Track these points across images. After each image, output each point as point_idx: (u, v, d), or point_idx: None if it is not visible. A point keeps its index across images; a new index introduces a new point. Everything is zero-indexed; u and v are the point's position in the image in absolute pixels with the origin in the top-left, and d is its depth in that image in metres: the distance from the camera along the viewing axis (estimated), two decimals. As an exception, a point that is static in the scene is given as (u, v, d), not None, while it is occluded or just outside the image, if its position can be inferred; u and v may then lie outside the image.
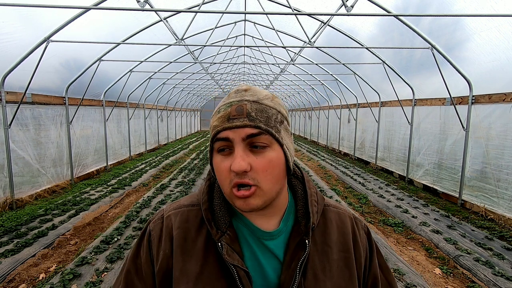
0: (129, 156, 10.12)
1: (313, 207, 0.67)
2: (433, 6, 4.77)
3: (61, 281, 2.84)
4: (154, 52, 7.69)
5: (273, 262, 0.64)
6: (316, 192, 0.71)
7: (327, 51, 8.03)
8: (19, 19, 4.28)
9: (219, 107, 0.63)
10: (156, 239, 0.67)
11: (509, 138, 4.46)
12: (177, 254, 0.64)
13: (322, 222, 0.69)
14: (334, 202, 0.76)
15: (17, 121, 5.06)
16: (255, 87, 0.64)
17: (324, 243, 0.67)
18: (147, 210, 5.00)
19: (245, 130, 0.57)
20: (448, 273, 3.22)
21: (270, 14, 5.94)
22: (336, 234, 0.69)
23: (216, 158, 0.61)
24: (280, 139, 0.60)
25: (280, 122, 0.62)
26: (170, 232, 0.66)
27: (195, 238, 0.65)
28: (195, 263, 0.63)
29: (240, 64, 12.64)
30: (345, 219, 0.72)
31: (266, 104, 0.61)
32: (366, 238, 0.74)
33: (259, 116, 0.59)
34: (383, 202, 5.55)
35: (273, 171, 0.59)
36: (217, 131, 0.59)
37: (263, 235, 0.65)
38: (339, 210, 0.74)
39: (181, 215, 0.68)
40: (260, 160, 0.58)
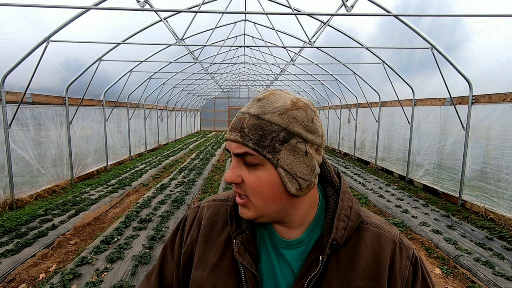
0: (129, 156, 10.12)
1: (339, 222, 0.60)
2: (433, 6, 4.77)
3: (61, 281, 2.84)
4: (154, 52, 7.69)
5: (287, 273, 0.62)
6: (350, 206, 0.63)
7: (327, 51, 8.03)
8: (19, 19, 4.28)
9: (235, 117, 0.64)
10: (188, 225, 0.74)
11: (509, 138, 4.46)
12: (201, 242, 0.68)
13: (354, 242, 0.61)
14: (378, 221, 0.66)
15: (17, 121, 5.06)
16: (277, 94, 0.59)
17: (350, 265, 0.59)
18: (147, 210, 5.00)
19: (235, 145, 0.57)
20: (448, 273, 3.22)
21: (270, 14, 5.94)
22: (369, 258, 0.60)
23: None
24: (273, 160, 0.55)
25: (281, 141, 0.55)
26: (200, 221, 0.72)
27: (220, 231, 0.68)
28: (214, 255, 0.66)
29: (240, 64, 12.64)
30: (385, 243, 0.62)
31: (268, 119, 0.55)
32: (411, 271, 0.61)
33: (251, 133, 0.55)
34: (383, 202, 5.55)
35: (262, 190, 0.56)
36: (224, 138, 0.61)
37: (280, 243, 0.63)
38: (380, 231, 0.63)
39: (213, 207, 0.73)
40: (249, 176, 0.57)
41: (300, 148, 0.56)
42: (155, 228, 4.16)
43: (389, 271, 0.60)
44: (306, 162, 0.57)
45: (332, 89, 11.39)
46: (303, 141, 0.56)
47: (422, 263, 0.64)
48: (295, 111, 0.56)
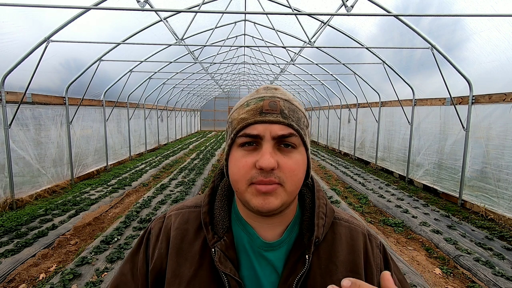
0: (129, 156, 10.12)
1: (319, 220, 0.62)
2: (433, 6, 4.77)
3: (61, 281, 2.84)
4: (154, 52, 7.69)
5: (271, 275, 0.60)
6: (325, 204, 0.66)
7: (327, 51, 8.03)
8: (19, 19, 4.28)
9: (247, 100, 0.60)
10: (154, 238, 0.66)
11: (509, 138, 4.46)
12: (172, 255, 0.62)
13: (331, 237, 0.64)
14: (347, 216, 0.70)
15: (17, 121, 5.06)
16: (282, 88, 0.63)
17: (330, 260, 0.61)
18: (147, 210, 5.00)
19: (278, 126, 0.55)
20: (448, 273, 3.22)
21: (270, 14, 5.94)
22: (345, 251, 0.63)
23: (236, 152, 0.57)
24: (307, 143, 0.59)
25: (306, 127, 0.60)
26: (168, 232, 0.65)
27: (193, 240, 0.63)
28: (189, 267, 0.60)
29: (240, 64, 12.64)
30: (357, 235, 0.66)
31: (296, 105, 0.59)
32: (382, 258, 0.67)
33: (292, 115, 0.57)
34: (383, 202, 5.55)
35: (298, 173, 0.57)
36: (246, 123, 0.56)
37: (262, 245, 0.61)
38: (351, 225, 0.67)
39: (182, 216, 0.67)
40: (287, 160, 0.55)
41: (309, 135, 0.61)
42: (155, 228, 4.16)
43: (364, 261, 0.63)
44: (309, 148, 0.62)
45: (332, 89, 11.39)
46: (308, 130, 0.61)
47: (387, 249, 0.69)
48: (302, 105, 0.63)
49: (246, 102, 0.60)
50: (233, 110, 0.62)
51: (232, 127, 0.59)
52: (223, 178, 0.70)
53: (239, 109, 0.60)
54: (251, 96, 0.61)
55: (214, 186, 0.69)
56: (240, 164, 0.56)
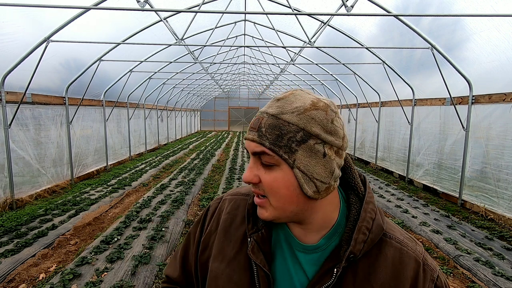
0: (129, 156, 10.12)
1: (359, 235, 0.57)
2: (433, 6, 4.77)
3: (61, 281, 2.84)
4: (154, 52, 7.69)
5: (301, 277, 0.61)
6: (373, 218, 0.60)
7: (327, 51, 8.03)
8: (20, 19, 4.28)
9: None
10: (209, 216, 0.77)
11: (509, 138, 4.46)
12: (221, 235, 0.70)
13: (375, 255, 0.59)
14: (402, 236, 0.63)
15: (17, 121, 5.06)
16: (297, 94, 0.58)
17: (367, 279, 0.57)
18: (147, 210, 5.00)
19: (253, 145, 0.57)
20: (448, 273, 3.22)
21: (270, 14, 5.95)
22: (389, 275, 0.57)
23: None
24: (290, 160, 0.54)
25: (298, 142, 0.54)
26: (220, 214, 0.74)
27: (239, 225, 0.69)
28: (232, 248, 0.67)
29: (240, 64, 12.64)
30: (408, 261, 0.59)
31: (286, 119, 0.55)
32: None
33: (268, 133, 0.55)
34: (383, 202, 5.55)
35: (279, 191, 0.55)
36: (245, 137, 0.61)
37: (296, 246, 0.63)
38: (404, 248, 0.61)
39: (234, 202, 0.74)
40: (266, 177, 0.56)
41: (318, 149, 0.54)
42: (155, 228, 4.16)
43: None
44: (324, 164, 0.55)
45: (332, 89, 11.39)
46: (322, 142, 0.55)
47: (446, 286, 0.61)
48: (314, 111, 0.55)
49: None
50: None
51: None
52: None
53: None
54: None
55: None
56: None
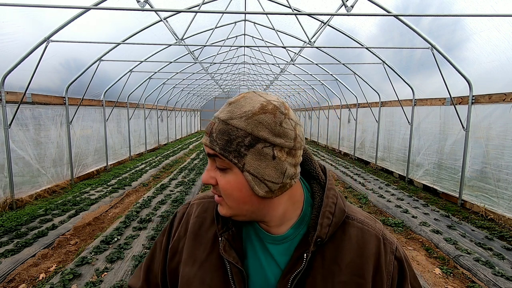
0: (129, 156, 10.12)
1: (324, 219, 0.60)
2: (433, 6, 4.77)
3: (61, 281, 2.84)
4: (154, 52, 7.69)
5: (273, 268, 0.63)
6: (334, 203, 0.63)
7: (327, 51, 8.03)
8: (20, 19, 4.28)
9: None
10: (177, 222, 0.76)
11: (509, 138, 4.46)
12: (190, 239, 0.70)
13: (340, 237, 0.62)
14: (362, 216, 0.67)
15: (17, 121, 5.06)
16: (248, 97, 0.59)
17: (334, 261, 0.61)
18: (147, 210, 5.00)
19: (207, 149, 0.59)
20: (448, 273, 3.22)
21: (270, 14, 5.95)
22: (353, 253, 0.61)
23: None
24: (239, 164, 0.55)
25: (247, 146, 0.55)
26: (188, 219, 0.74)
27: (209, 227, 0.70)
28: (203, 251, 0.68)
29: (240, 64, 12.64)
30: (369, 238, 0.63)
31: (234, 124, 0.56)
32: (396, 265, 0.63)
33: (218, 138, 0.56)
34: (383, 202, 5.55)
35: (232, 193, 0.58)
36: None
37: (265, 238, 0.65)
38: (364, 227, 0.65)
39: (202, 205, 0.75)
40: (221, 179, 0.59)
41: (266, 152, 0.55)
42: (155, 228, 4.16)
43: (375, 266, 0.61)
44: (275, 165, 0.56)
45: (332, 89, 11.39)
46: (270, 145, 0.56)
47: (405, 257, 0.66)
48: (262, 115, 0.56)
49: None
50: None
51: None
52: None
53: None
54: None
55: None
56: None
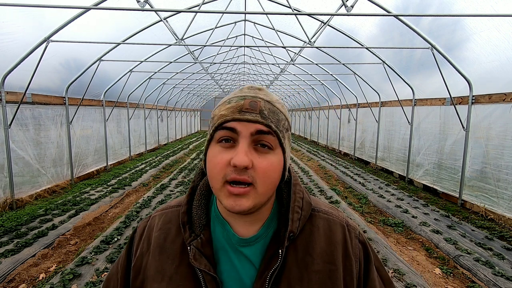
0: (129, 156, 10.12)
1: (294, 214, 0.62)
2: (433, 6, 4.77)
3: (61, 281, 2.85)
4: (154, 52, 7.69)
5: (248, 270, 0.62)
6: (302, 197, 0.66)
7: (327, 51, 8.03)
8: (20, 19, 4.28)
9: (229, 98, 0.61)
10: (137, 238, 0.70)
11: (509, 138, 4.46)
12: (155, 253, 0.65)
13: (309, 229, 0.64)
14: (326, 207, 0.70)
15: (17, 121, 5.06)
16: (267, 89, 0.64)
17: (306, 252, 0.62)
18: (147, 210, 5.00)
19: (256, 125, 0.56)
20: (448, 273, 3.22)
21: (270, 14, 5.95)
22: (322, 243, 0.63)
23: (214, 148, 0.58)
24: (284, 145, 0.60)
25: (286, 129, 0.61)
26: (150, 232, 0.69)
27: (175, 238, 0.65)
28: (171, 264, 0.63)
29: (240, 64, 12.64)
30: (335, 227, 0.66)
31: (278, 107, 0.60)
32: (361, 248, 0.67)
33: (271, 116, 0.58)
34: (383, 202, 5.55)
35: (272, 175, 0.57)
36: (225, 120, 0.56)
37: (238, 242, 0.63)
38: (329, 217, 0.68)
39: (165, 216, 0.69)
40: (262, 161, 0.56)
41: (290, 138, 0.63)
42: (155, 228, 4.16)
43: (343, 252, 0.64)
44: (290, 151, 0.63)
45: (332, 89, 11.39)
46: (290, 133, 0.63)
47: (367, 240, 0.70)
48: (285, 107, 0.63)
49: (229, 99, 0.60)
50: (216, 107, 0.63)
51: (212, 123, 0.60)
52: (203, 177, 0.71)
53: (221, 106, 0.61)
54: (234, 94, 0.61)
55: (194, 185, 0.70)
56: (216, 160, 0.56)
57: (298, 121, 21.84)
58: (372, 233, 4.06)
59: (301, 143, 16.22)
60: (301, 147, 14.61)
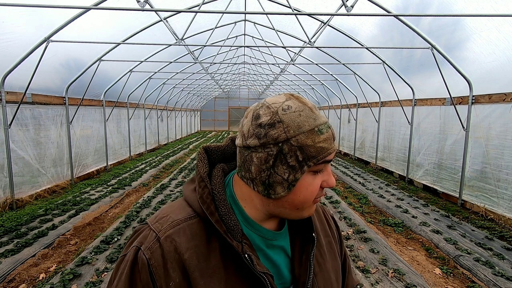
0: (129, 156, 10.12)
1: None
2: (433, 6, 4.77)
3: (61, 281, 2.85)
4: (154, 52, 7.69)
5: (284, 259, 0.68)
6: None
7: (327, 51, 8.03)
8: (20, 19, 4.28)
9: (318, 126, 0.58)
10: (160, 269, 0.56)
11: (509, 138, 4.46)
12: (197, 278, 0.56)
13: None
14: None
15: (17, 121, 5.06)
16: None
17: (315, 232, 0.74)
18: (147, 210, 5.00)
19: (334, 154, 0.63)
20: (448, 273, 3.22)
21: (270, 14, 5.94)
22: (318, 223, 0.78)
23: (308, 178, 0.59)
24: None
25: None
26: (175, 257, 0.57)
27: (207, 255, 0.59)
28: (218, 282, 0.57)
29: (240, 64, 12.64)
30: (318, 209, 0.83)
31: None
32: (334, 221, 0.87)
33: None
34: (383, 202, 5.55)
35: None
36: (328, 153, 0.58)
37: (274, 236, 0.67)
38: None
39: (183, 233, 0.59)
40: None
41: None
42: (155, 228, 4.16)
43: (328, 226, 0.82)
44: None
45: (332, 89, 11.39)
46: None
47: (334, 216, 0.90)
48: None
49: (318, 128, 0.58)
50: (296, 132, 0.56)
51: (307, 154, 0.57)
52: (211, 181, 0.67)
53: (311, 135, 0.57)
54: (319, 121, 0.59)
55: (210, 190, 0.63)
56: (313, 188, 0.60)
57: (298, 121, 21.78)
58: (372, 233, 4.06)
59: (301, 143, 16.19)
60: (301, 147, 14.58)
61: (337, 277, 0.76)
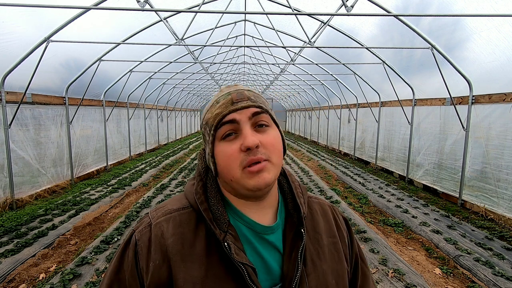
0: (129, 156, 10.12)
1: (300, 199, 0.71)
2: (433, 6, 4.77)
3: (61, 281, 2.85)
4: (154, 52, 7.70)
5: (275, 255, 0.66)
6: (299, 185, 0.76)
7: (327, 51, 8.03)
8: (20, 19, 4.28)
9: (216, 99, 0.66)
10: (144, 250, 0.62)
11: (509, 138, 4.46)
12: (177, 261, 0.60)
13: (309, 213, 0.75)
14: (313, 194, 0.82)
15: (17, 121, 5.06)
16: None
17: (315, 231, 0.73)
18: (147, 210, 5.00)
19: (250, 109, 0.62)
20: (448, 273, 3.22)
21: (270, 14, 5.94)
22: (322, 222, 0.76)
23: (220, 146, 0.62)
24: (276, 120, 0.68)
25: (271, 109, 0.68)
26: (160, 241, 0.62)
27: (193, 241, 0.62)
28: (199, 268, 0.60)
29: (240, 64, 12.64)
30: (326, 208, 0.80)
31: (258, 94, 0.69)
32: (345, 222, 0.83)
33: (258, 99, 0.65)
34: (383, 202, 5.55)
35: (278, 146, 0.64)
36: (222, 115, 0.61)
37: (264, 230, 0.66)
38: (320, 201, 0.81)
39: (173, 220, 0.64)
40: (266, 137, 0.62)
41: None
42: (155, 228, 4.16)
43: (336, 226, 0.78)
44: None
45: (332, 89, 11.39)
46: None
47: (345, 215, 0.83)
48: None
49: (216, 100, 0.65)
50: (204, 112, 0.68)
51: (209, 125, 0.64)
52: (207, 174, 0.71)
53: (211, 108, 0.65)
54: (218, 96, 0.66)
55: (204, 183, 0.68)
56: (228, 152, 0.61)
57: (298, 121, 21.84)
58: (372, 233, 4.06)
59: (301, 143, 16.22)
60: (301, 147, 14.61)
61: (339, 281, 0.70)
